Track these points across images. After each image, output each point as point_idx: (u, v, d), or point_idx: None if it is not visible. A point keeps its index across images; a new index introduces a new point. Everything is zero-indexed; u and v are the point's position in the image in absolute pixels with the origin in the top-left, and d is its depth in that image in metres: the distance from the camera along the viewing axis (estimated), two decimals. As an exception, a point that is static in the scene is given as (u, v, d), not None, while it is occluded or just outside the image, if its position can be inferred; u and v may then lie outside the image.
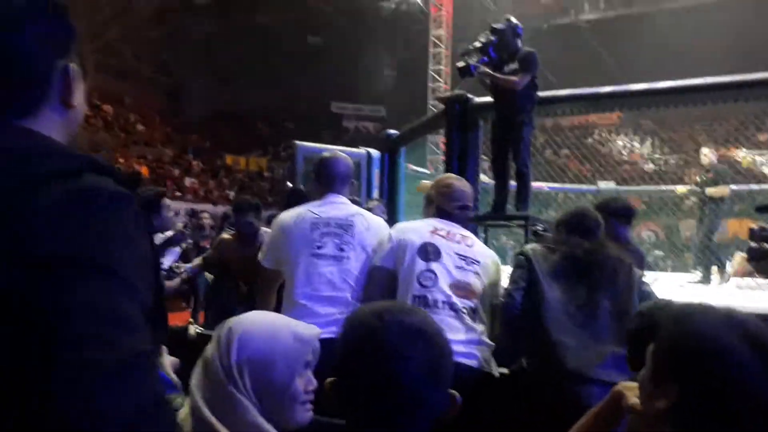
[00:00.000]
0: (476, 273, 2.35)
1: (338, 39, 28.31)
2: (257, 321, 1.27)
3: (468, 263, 2.34)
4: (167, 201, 3.33)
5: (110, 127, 24.25)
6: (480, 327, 2.30)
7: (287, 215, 2.55)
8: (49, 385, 0.59)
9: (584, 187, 8.22)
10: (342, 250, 2.40)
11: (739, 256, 7.29)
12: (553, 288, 2.27)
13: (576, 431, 1.29)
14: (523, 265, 2.35)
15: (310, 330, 1.26)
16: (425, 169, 8.28)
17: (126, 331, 0.64)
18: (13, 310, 0.61)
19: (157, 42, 27.58)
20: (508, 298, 2.32)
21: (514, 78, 4.47)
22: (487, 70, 4.48)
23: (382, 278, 2.38)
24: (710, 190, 5.98)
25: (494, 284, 2.46)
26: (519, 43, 4.70)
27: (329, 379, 1.05)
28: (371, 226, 2.49)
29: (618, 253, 2.38)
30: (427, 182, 2.97)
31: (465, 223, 2.55)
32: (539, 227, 3.64)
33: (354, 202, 2.98)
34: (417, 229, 2.43)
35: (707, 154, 6.33)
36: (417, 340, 0.97)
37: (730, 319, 0.99)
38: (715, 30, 20.86)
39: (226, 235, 3.76)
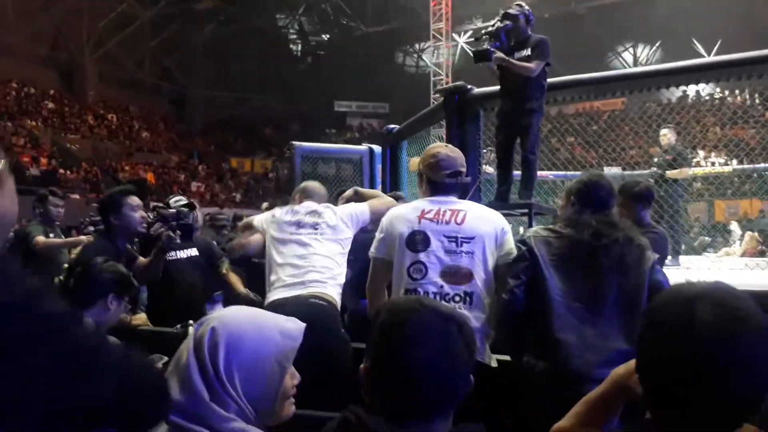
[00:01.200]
0: (469, 252, 2.25)
1: (340, 37, 28.32)
2: (241, 320, 1.20)
3: (459, 244, 2.26)
4: (134, 200, 3.21)
5: (115, 135, 24.37)
6: (475, 313, 2.22)
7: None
8: None
9: (590, 173, 8.12)
10: None
11: (749, 236, 7.21)
12: (556, 280, 2.14)
13: (576, 416, 1.25)
14: (525, 257, 2.20)
15: (295, 324, 1.22)
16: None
17: None
18: None
19: (157, 49, 27.68)
20: (510, 295, 2.18)
21: (529, 64, 4.36)
22: (502, 55, 4.38)
23: (379, 268, 2.38)
24: (670, 172, 5.89)
25: (501, 248, 2.34)
26: (529, 30, 4.62)
27: (363, 365, 1.07)
28: None
29: (630, 233, 2.19)
30: (416, 159, 2.83)
31: (458, 190, 2.44)
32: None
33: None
34: (405, 216, 2.36)
35: (667, 134, 6.20)
36: (452, 324, 1.04)
37: (682, 294, 0.96)
38: (717, 12, 20.70)
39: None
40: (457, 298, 2.22)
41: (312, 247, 2.67)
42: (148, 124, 26.73)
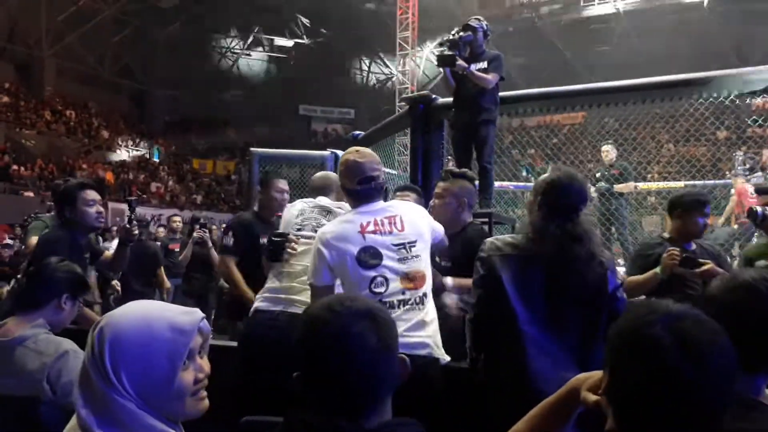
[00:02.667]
0: (417, 256, 2.28)
1: (306, 42, 28.26)
2: (129, 316, 1.15)
3: (408, 249, 2.26)
4: (91, 194, 3.17)
5: (73, 132, 23.76)
6: (430, 312, 2.28)
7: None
8: None
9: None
10: None
11: None
12: (518, 299, 2.04)
13: (530, 419, 1.29)
14: (484, 274, 2.12)
15: (190, 316, 1.17)
16: (393, 170, 8.28)
17: None
18: None
19: (119, 45, 27.15)
20: (473, 318, 2.18)
21: (487, 76, 4.50)
22: (464, 64, 4.50)
23: (322, 295, 2.26)
24: (618, 186, 6.17)
25: (435, 233, 2.43)
26: (485, 45, 4.77)
27: (296, 374, 1.12)
28: None
29: (593, 247, 2.06)
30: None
31: (374, 194, 2.35)
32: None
33: None
34: (346, 236, 2.27)
35: (609, 151, 6.47)
36: (365, 319, 1.10)
37: (657, 311, 0.99)
38: (676, 31, 21.44)
39: None
40: (417, 299, 2.25)
41: None
42: (108, 122, 26.15)
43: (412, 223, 2.33)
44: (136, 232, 3.31)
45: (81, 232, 3.15)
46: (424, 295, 2.28)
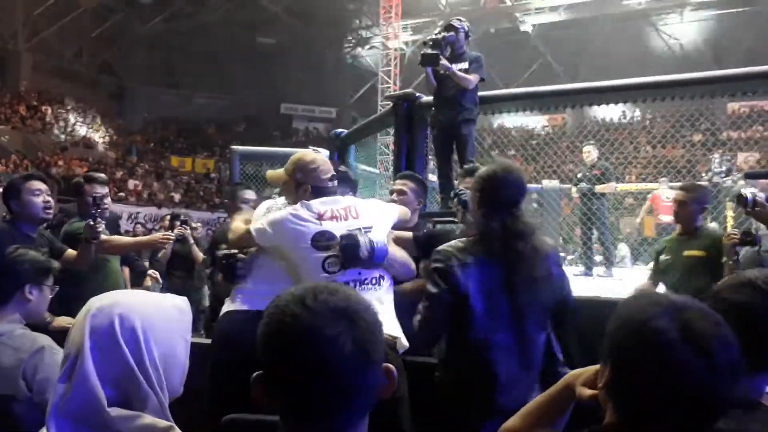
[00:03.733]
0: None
1: (288, 40, 28.11)
2: (145, 302, 1.19)
3: (363, 234, 2.31)
4: (36, 184, 3.15)
5: (49, 128, 23.37)
6: (388, 294, 2.36)
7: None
8: None
9: (530, 186, 8.38)
10: None
11: None
12: (482, 308, 2.01)
13: (526, 414, 1.30)
14: (446, 288, 2.03)
15: (181, 299, 1.26)
16: (375, 169, 8.27)
17: None
18: None
19: (98, 40, 26.76)
20: (430, 325, 2.10)
21: (468, 77, 4.55)
22: (447, 63, 4.53)
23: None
24: (599, 187, 6.25)
25: (390, 224, 2.52)
26: (465, 46, 4.82)
27: (256, 374, 0.95)
28: None
29: (535, 242, 2.06)
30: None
31: (336, 191, 2.52)
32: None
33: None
34: (300, 221, 2.34)
35: (590, 151, 6.56)
36: (343, 320, 0.91)
37: (660, 304, 1.00)
38: (655, 36, 21.75)
39: None
40: (373, 281, 2.33)
41: None
42: (85, 118, 25.75)
43: (367, 212, 2.44)
44: (101, 229, 3.25)
45: (29, 224, 3.12)
46: (381, 276, 2.36)
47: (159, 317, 1.16)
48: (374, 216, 2.44)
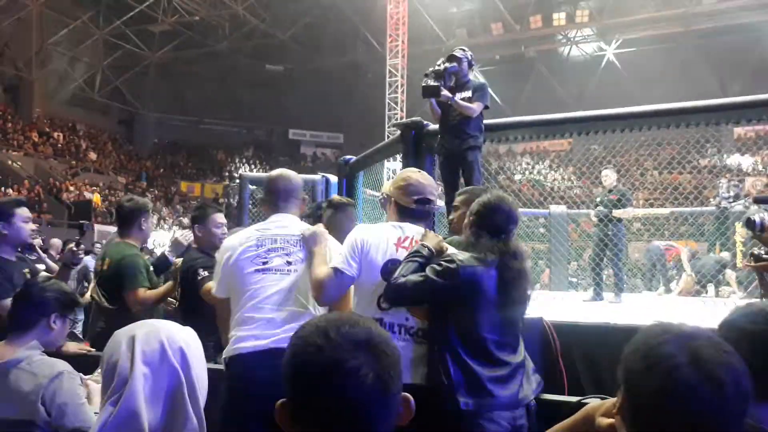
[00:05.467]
0: None
1: (297, 67, 28.48)
2: (180, 330, 1.29)
3: None
4: (26, 211, 3.26)
5: (61, 154, 23.66)
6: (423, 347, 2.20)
7: (232, 239, 2.57)
8: None
9: (536, 210, 8.40)
10: (289, 264, 2.42)
11: (686, 276, 7.54)
12: (479, 311, 2.08)
13: None
14: (456, 284, 2.08)
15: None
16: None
17: None
18: None
19: (109, 68, 27.21)
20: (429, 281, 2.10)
21: (472, 105, 4.62)
22: (449, 94, 4.60)
23: (339, 283, 2.26)
24: (617, 212, 6.21)
25: None
26: (470, 74, 4.90)
27: (280, 401, 0.99)
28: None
29: (524, 264, 2.15)
30: (389, 182, 2.71)
31: (426, 217, 2.39)
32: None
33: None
34: (384, 238, 2.27)
35: (609, 175, 6.54)
36: (365, 353, 0.94)
37: (671, 331, 1.02)
38: (661, 63, 21.90)
39: None
40: (420, 333, 2.18)
41: None
42: (96, 144, 26.07)
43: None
44: (81, 256, 3.38)
45: (9, 247, 3.16)
46: (423, 330, 2.19)
47: (193, 342, 1.23)
48: None
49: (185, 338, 1.25)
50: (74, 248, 3.32)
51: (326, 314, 1.04)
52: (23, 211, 3.21)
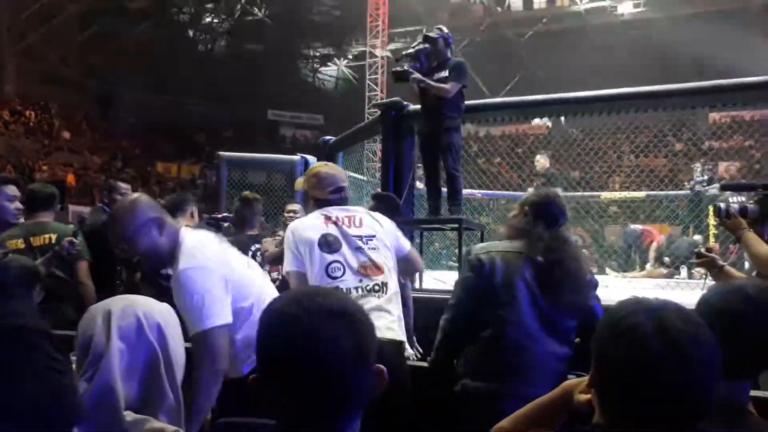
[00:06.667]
0: (374, 248, 2.43)
1: (275, 47, 28.12)
2: (158, 305, 1.29)
3: (365, 241, 2.42)
4: (12, 189, 3.17)
5: (32, 133, 23.13)
6: (393, 303, 2.38)
7: None
8: None
9: (515, 193, 8.46)
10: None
11: (650, 267, 7.71)
12: (517, 303, 2.12)
13: (520, 416, 1.33)
14: (477, 276, 2.19)
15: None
16: (362, 176, 8.31)
17: None
18: None
19: (84, 45, 26.57)
20: (450, 321, 2.25)
21: (445, 86, 4.59)
22: (420, 76, 4.58)
23: (297, 282, 2.40)
24: None
25: (394, 239, 2.57)
26: (449, 52, 4.86)
27: (252, 375, 0.97)
28: None
29: (577, 251, 2.26)
30: (300, 179, 2.91)
31: (343, 203, 2.59)
32: None
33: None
34: (310, 225, 2.48)
35: (540, 160, 6.65)
36: (340, 321, 0.94)
37: (641, 304, 1.04)
38: (639, 45, 22.01)
39: None
40: (376, 288, 2.36)
41: None
42: (70, 123, 25.53)
43: (371, 224, 2.51)
44: (75, 252, 3.20)
45: None
46: (384, 284, 2.38)
47: (170, 317, 1.22)
48: (377, 228, 2.53)
49: (162, 313, 1.24)
50: (73, 239, 3.15)
51: (297, 288, 1.03)
52: (10, 189, 3.13)
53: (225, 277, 2.06)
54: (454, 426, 2.14)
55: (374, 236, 2.46)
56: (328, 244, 2.38)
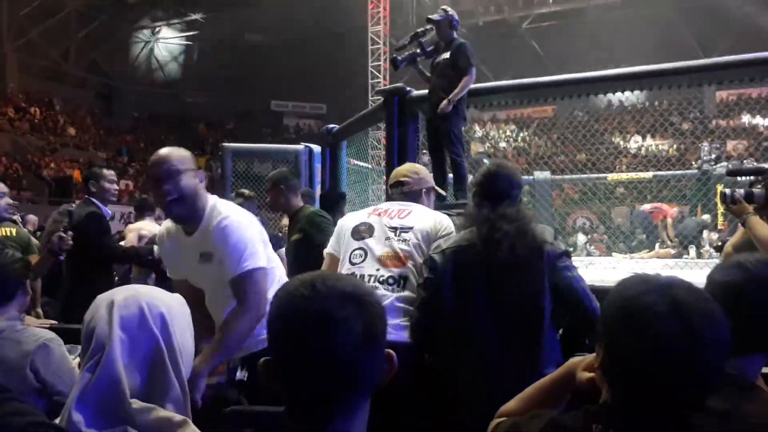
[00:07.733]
0: (405, 240, 2.36)
1: (277, 37, 28.00)
2: (164, 295, 1.27)
3: (397, 233, 2.39)
4: (3, 187, 3.31)
5: (37, 129, 23.19)
6: (406, 293, 2.28)
7: None
8: None
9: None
10: None
11: (659, 247, 7.67)
12: (458, 297, 2.07)
13: (525, 398, 1.33)
14: (433, 275, 2.14)
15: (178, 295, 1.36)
16: (366, 163, 8.30)
17: None
18: None
19: (85, 40, 26.56)
20: (417, 323, 2.19)
21: (461, 83, 4.51)
22: (449, 98, 4.47)
23: (327, 262, 2.57)
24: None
25: (433, 239, 2.38)
26: (454, 33, 4.79)
27: (263, 359, 0.97)
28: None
29: (524, 225, 2.03)
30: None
31: (404, 197, 2.61)
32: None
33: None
34: (357, 215, 2.59)
35: (475, 145, 6.67)
36: (350, 304, 0.94)
37: (650, 282, 1.02)
38: (641, 24, 21.80)
39: None
40: (390, 281, 2.31)
41: None
42: (74, 119, 25.58)
43: (417, 217, 2.44)
44: (71, 242, 3.13)
45: None
46: (402, 277, 2.31)
47: (177, 308, 1.22)
48: (420, 223, 2.42)
49: (168, 304, 1.23)
50: (63, 234, 3.08)
51: (309, 272, 1.01)
52: (0, 187, 3.18)
53: (263, 240, 2.22)
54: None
55: (411, 228, 2.38)
56: (359, 231, 2.45)
